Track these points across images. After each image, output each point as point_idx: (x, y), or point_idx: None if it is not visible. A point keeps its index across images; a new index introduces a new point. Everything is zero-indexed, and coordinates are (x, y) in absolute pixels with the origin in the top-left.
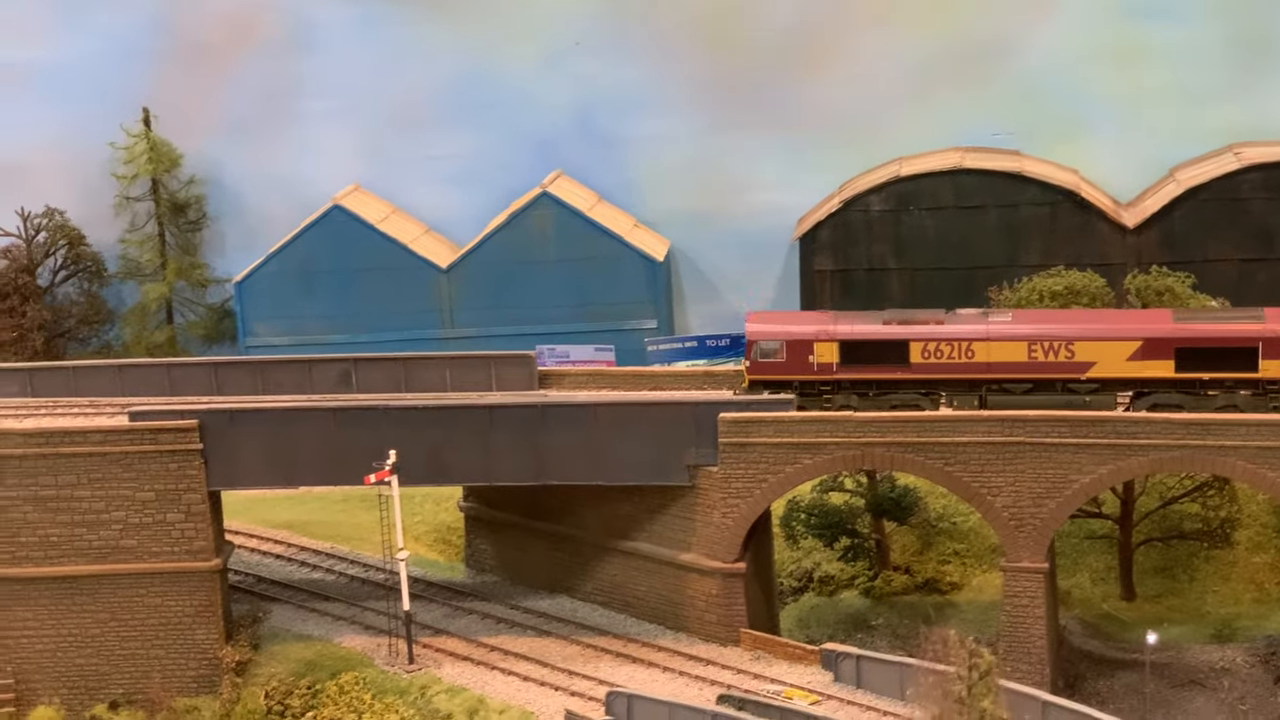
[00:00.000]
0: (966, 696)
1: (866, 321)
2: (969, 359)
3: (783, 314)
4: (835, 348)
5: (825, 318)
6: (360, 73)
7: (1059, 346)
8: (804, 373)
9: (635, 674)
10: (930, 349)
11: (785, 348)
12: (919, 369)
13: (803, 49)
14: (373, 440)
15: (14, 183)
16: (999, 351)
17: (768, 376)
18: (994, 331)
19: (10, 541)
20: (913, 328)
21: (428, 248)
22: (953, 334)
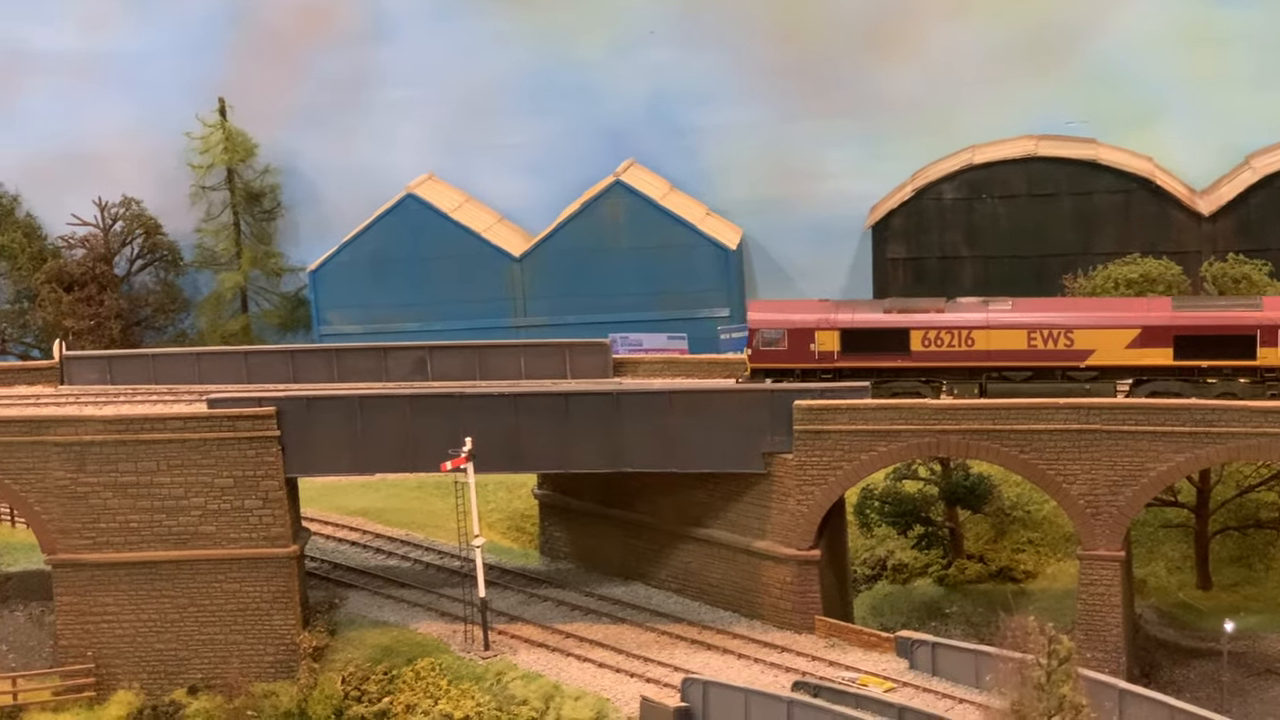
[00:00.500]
0: (1045, 683)
1: (867, 310)
2: (969, 347)
3: (784, 303)
4: (836, 336)
5: (826, 306)
6: (435, 62)
7: (1058, 334)
8: (805, 361)
9: (710, 661)
10: (931, 337)
11: (787, 336)
12: (919, 357)
13: (876, 36)
14: (448, 427)
15: (92, 173)
16: (999, 340)
17: (770, 365)
18: (994, 320)
19: (91, 527)
20: (913, 316)
21: (501, 236)
22: (953, 322)
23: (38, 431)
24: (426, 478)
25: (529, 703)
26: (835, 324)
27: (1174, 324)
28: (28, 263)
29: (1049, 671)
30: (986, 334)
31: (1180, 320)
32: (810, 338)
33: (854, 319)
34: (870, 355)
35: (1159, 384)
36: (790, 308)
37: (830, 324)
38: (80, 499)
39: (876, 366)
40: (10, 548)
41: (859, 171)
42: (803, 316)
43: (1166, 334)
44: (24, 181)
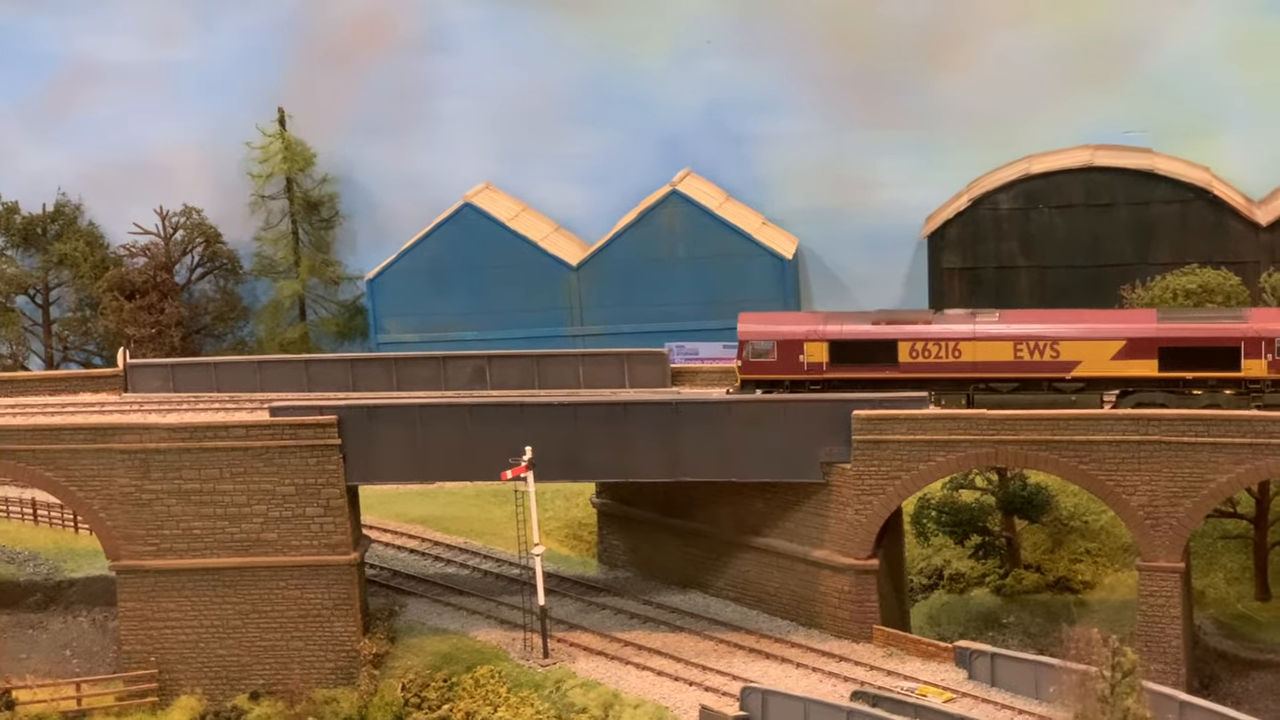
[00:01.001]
0: (1109, 695)
1: (856, 322)
2: (956, 358)
3: (774, 314)
4: (825, 347)
5: (815, 318)
6: (492, 72)
7: (1044, 346)
8: (795, 372)
9: (769, 670)
10: (918, 348)
11: (776, 348)
12: (907, 368)
13: (932, 46)
14: (508, 436)
15: (153, 182)
16: (985, 351)
17: (760, 376)
18: (980, 331)
19: (155, 534)
20: (901, 328)
21: (557, 245)
22: (940, 334)
23: (103, 439)
24: (484, 486)
25: (588, 710)
26: (824, 336)
27: (1159, 336)
28: (90, 271)
29: (1113, 684)
30: (973, 345)
31: (1165, 332)
32: (799, 349)
33: (842, 331)
34: (859, 366)
35: (1144, 395)
36: (779, 320)
37: (819, 336)
38: (144, 506)
39: (865, 378)
40: (74, 553)
41: (915, 181)
42: (791, 328)
43: (1151, 346)
44: (87, 191)
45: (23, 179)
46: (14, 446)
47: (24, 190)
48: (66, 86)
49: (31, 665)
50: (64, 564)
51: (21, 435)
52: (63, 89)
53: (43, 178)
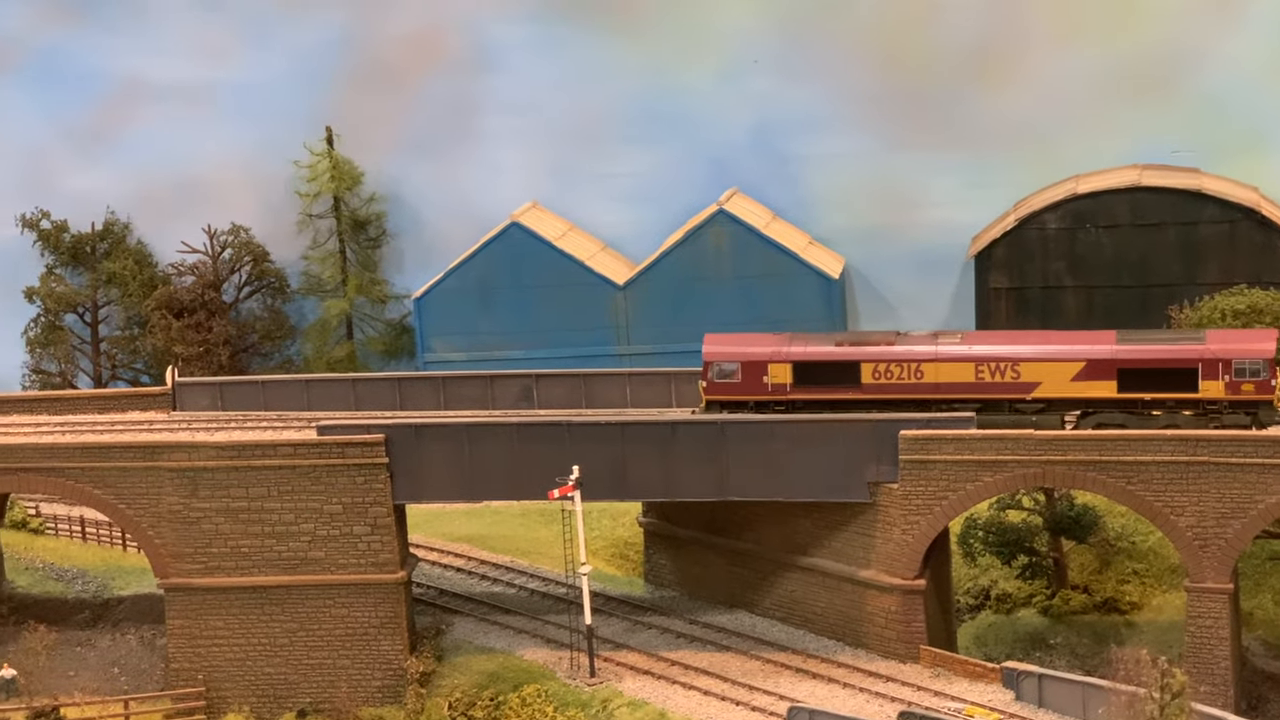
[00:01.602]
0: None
1: (819, 344)
2: (918, 379)
3: (739, 336)
4: (789, 369)
5: (779, 340)
6: (540, 91)
7: (1005, 367)
8: (759, 393)
9: (815, 690)
10: (881, 370)
11: (741, 369)
12: (870, 389)
13: (980, 66)
14: (555, 455)
15: (201, 201)
16: (947, 372)
17: (724, 396)
18: (942, 353)
19: (203, 552)
20: (864, 349)
21: (604, 264)
22: (903, 355)
23: (152, 457)
24: (530, 505)
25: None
26: (788, 357)
27: (1117, 357)
28: (138, 289)
29: (1162, 705)
30: (935, 366)
31: (1124, 354)
32: (764, 370)
33: (806, 352)
34: (822, 388)
35: (1104, 416)
36: (744, 341)
37: (783, 357)
38: (192, 524)
39: (828, 399)
40: (122, 571)
41: (962, 201)
42: (756, 350)
43: (1110, 367)
44: (135, 209)
45: (72, 198)
46: (64, 464)
47: (73, 209)
48: (116, 106)
49: (80, 682)
50: (112, 581)
51: (71, 453)
52: (112, 108)
53: (92, 196)
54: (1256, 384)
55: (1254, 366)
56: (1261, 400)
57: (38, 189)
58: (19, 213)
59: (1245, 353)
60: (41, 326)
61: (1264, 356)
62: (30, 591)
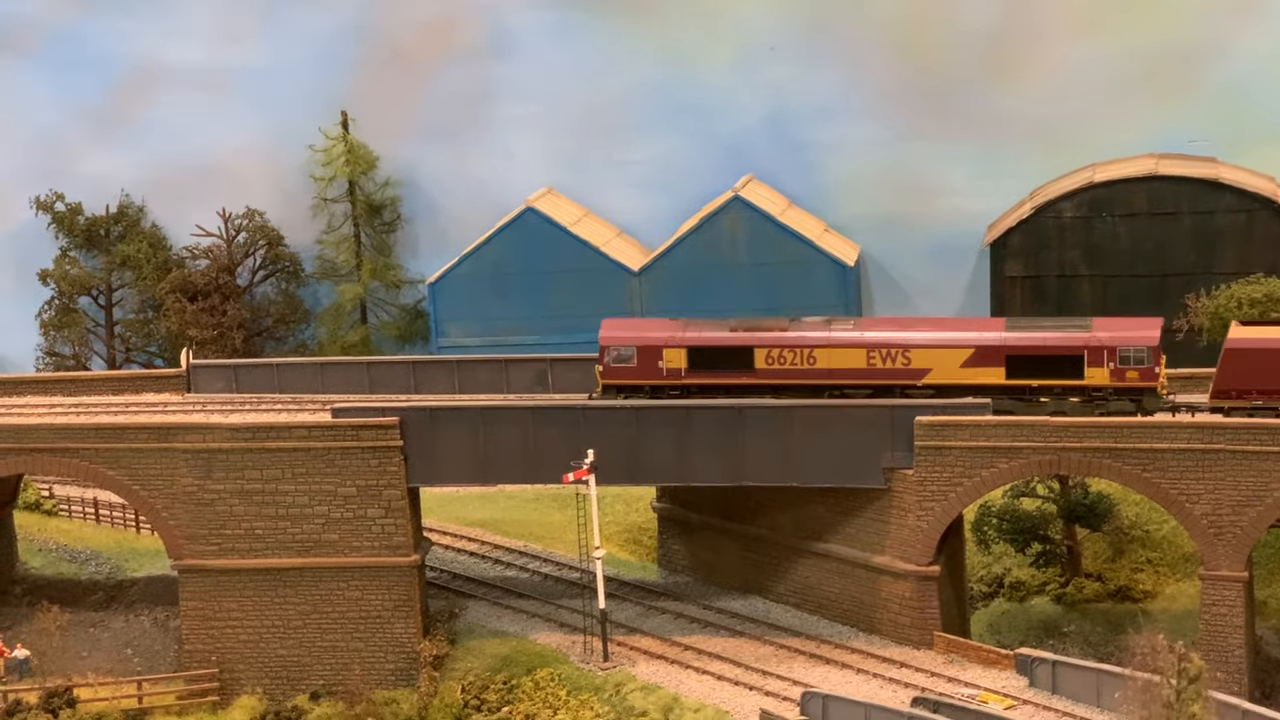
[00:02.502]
0: (1175, 702)
1: (714, 329)
2: (811, 365)
3: (636, 321)
4: (684, 354)
5: (675, 325)
6: (555, 77)
7: (896, 353)
8: (654, 377)
9: (829, 675)
10: (774, 355)
11: (637, 354)
12: (763, 374)
13: (997, 54)
14: (570, 440)
15: (216, 184)
16: (839, 358)
17: (620, 381)
18: (835, 338)
19: (217, 534)
20: (757, 334)
21: (619, 250)
22: (795, 340)
23: (166, 438)
24: (543, 489)
25: (648, 714)
26: (683, 342)
27: (1005, 344)
28: (153, 273)
29: (1179, 690)
30: (828, 352)
31: (1011, 341)
32: (659, 355)
33: (700, 337)
34: (716, 373)
35: (994, 403)
36: (640, 326)
37: (678, 342)
38: (207, 505)
39: (722, 383)
40: (135, 553)
41: (977, 189)
42: (652, 335)
43: (999, 354)
44: (150, 193)
45: (87, 181)
46: (79, 445)
47: (88, 192)
48: (131, 89)
49: (93, 663)
50: (125, 563)
51: (86, 434)
52: (127, 91)
53: (106, 179)
54: (1140, 371)
55: (1138, 354)
56: (1145, 387)
57: (53, 172)
58: (34, 195)
59: (1129, 340)
60: (56, 309)
61: (1148, 344)
62: (44, 573)
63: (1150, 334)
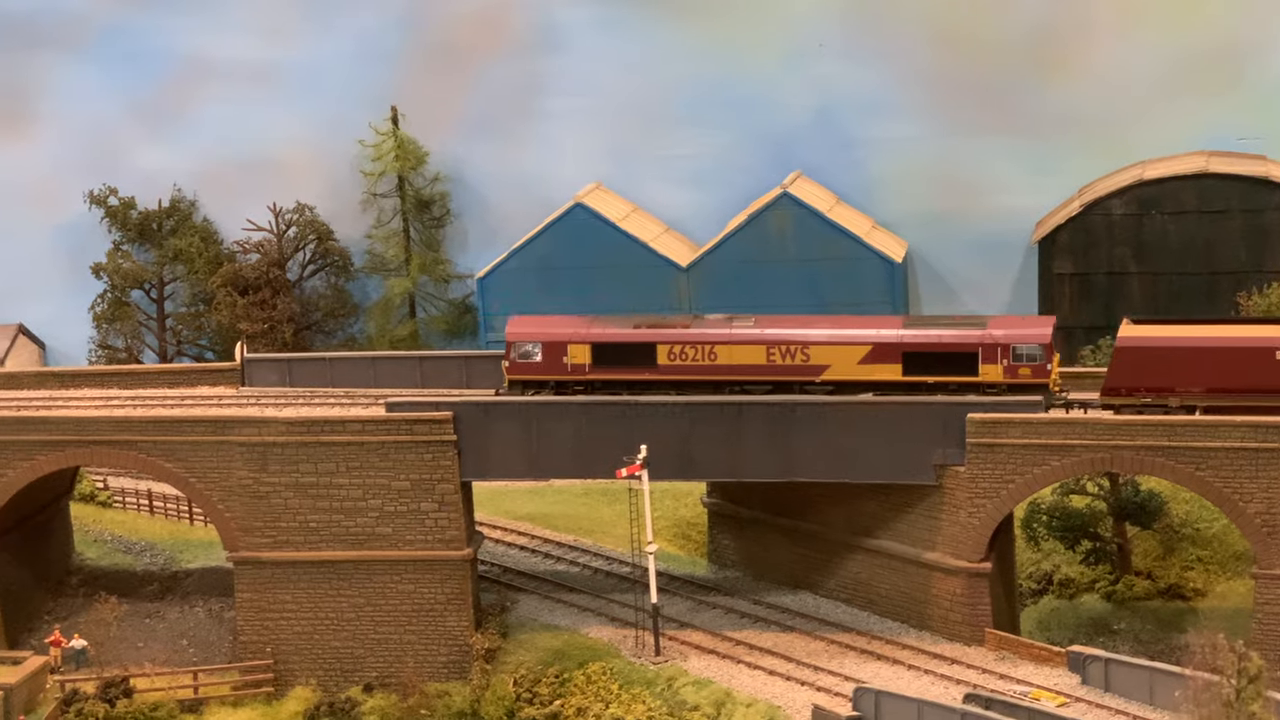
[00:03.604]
0: (1234, 700)
1: (618, 326)
2: (712, 361)
3: (541, 318)
4: (588, 350)
5: (579, 322)
6: (604, 73)
7: (795, 350)
8: (559, 373)
9: (880, 671)
10: (676, 351)
11: (542, 350)
12: (666, 370)
13: (1045, 51)
14: (622, 435)
15: (267, 179)
16: (740, 354)
17: (526, 376)
18: (735, 335)
19: (272, 526)
20: (660, 331)
21: (667, 246)
22: (697, 337)
23: (222, 431)
24: (594, 484)
25: (700, 708)
26: (587, 338)
27: (902, 341)
28: (204, 267)
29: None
30: (729, 349)
31: (908, 338)
32: (563, 351)
33: (604, 334)
34: (619, 368)
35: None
36: (545, 323)
37: (582, 338)
38: (262, 498)
39: (625, 379)
40: (189, 544)
41: (1026, 186)
42: (556, 331)
43: (895, 351)
44: (201, 187)
45: (139, 175)
46: (136, 437)
47: (140, 186)
48: (183, 84)
49: (149, 654)
50: (180, 555)
51: (144, 426)
52: (178, 86)
53: (159, 174)
54: (1033, 368)
55: (1031, 351)
56: (1038, 384)
57: (105, 166)
58: (87, 189)
59: (1023, 338)
60: (108, 302)
61: (1040, 342)
62: (99, 564)
63: (1043, 332)
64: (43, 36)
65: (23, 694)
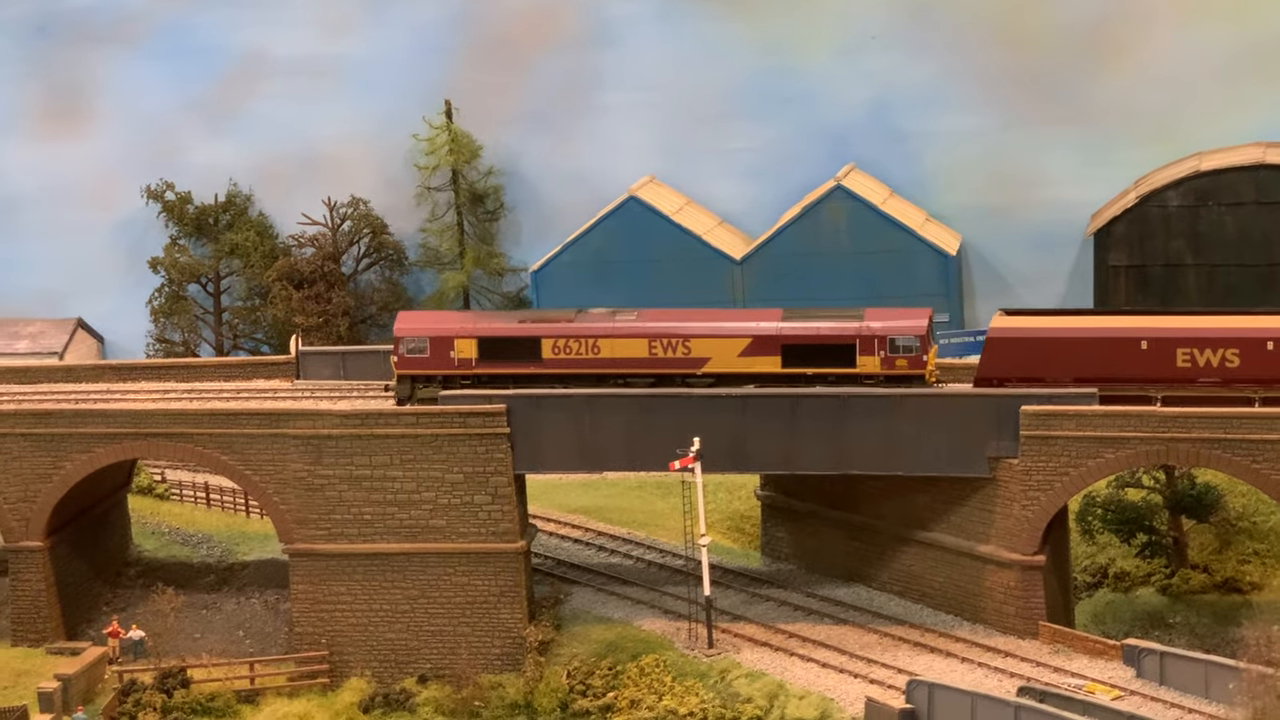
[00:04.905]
0: None
1: (504, 321)
2: (595, 354)
3: (430, 314)
4: (474, 344)
5: (466, 317)
6: (657, 66)
7: (676, 343)
8: (446, 367)
9: (933, 663)
10: (560, 345)
11: (430, 344)
12: (551, 364)
13: (1101, 43)
14: (675, 427)
15: (322, 173)
16: (623, 348)
17: (414, 371)
18: (618, 329)
19: (327, 519)
20: (544, 325)
21: (721, 239)
22: (580, 331)
23: (277, 424)
24: (646, 477)
25: (753, 700)
26: (473, 333)
27: (781, 334)
28: (260, 260)
29: None
30: (612, 343)
31: (786, 330)
32: (450, 346)
33: (490, 328)
34: (505, 363)
35: (773, 390)
36: (433, 319)
37: (469, 333)
38: (317, 491)
39: (511, 373)
40: (245, 536)
41: (1081, 178)
42: (444, 326)
43: (774, 343)
44: (257, 182)
45: (196, 170)
46: (193, 430)
47: (197, 181)
48: (239, 79)
49: (206, 644)
50: (236, 547)
51: (200, 419)
52: (234, 81)
53: (215, 169)
54: (909, 359)
55: (907, 342)
56: (914, 375)
57: (163, 161)
58: (145, 184)
59: (899, 329)
60: (166, 296)
61: (916, 333)
62: (157, 555)
63: (919, 324)
64: (101, 33)
65: (81, 684)
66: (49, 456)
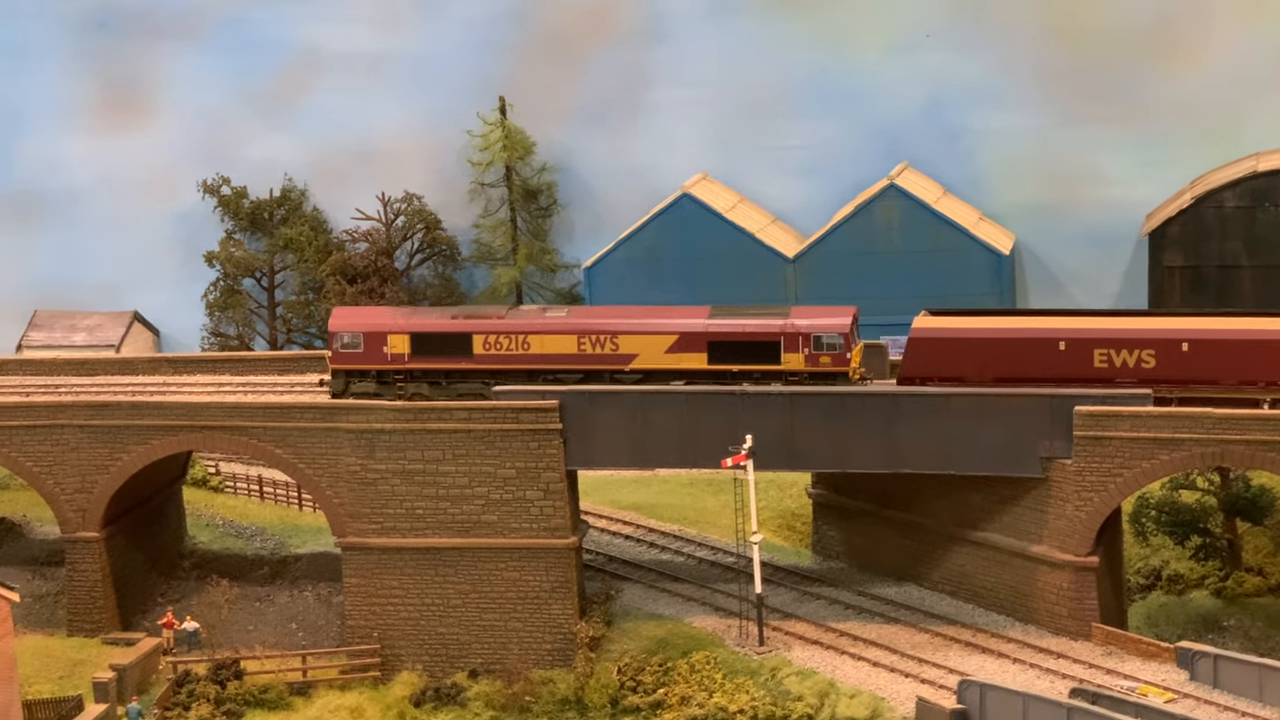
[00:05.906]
0: None
1: (436, 316)
2: (525, 350)
3: (364, 309)
4: (407, 340)
5: (399, 313)
6: (711, 63)
7: (605, 339)
8: (380, 362)
9: (985, 664)
10: (491, 341)
11: (364, 340)
12: (481, 359)
13: (1157, 41)
14: (727, 424)
15: (376, 168)
16: (552, 344)
17: (348, 365)
18: (548, 325)
19: (379, 513)
20: (476, 321)
21: (774, 237)
22: (511, 327)
23: (331, 418)
24: (698, 474)
25: (804, 699)
26: (406, 329)
27: (707, 331)
28: (314, 255)
29: None
30: (541, 339)
31: (713, 328)
32: (384, 341)
33: (422, 324)
34: (438, 358)
35: (700, 387)
36: (367, 314)
37: (401, 328)
38: (369, 485)
39: (443, 368)
40: (298, 529)
41: (1135, 178)
42: (377, 321)
43: (701, 340)
44: (311, 176)
45: (252, 164)
46: (248, 423)
47: (252, 175)
48: (294, 74)
49: (259, 636)
50: (289, 540)
51: (255, 413)
52: (290, 76)
53: (270, 163)
54: (833, 357)
55: (831, 340)
56: (838, 372)
57: (218, 156)
58: (200, 179)
59: (823, 327)
60: (220, 290)
61: (840, 331)
62: (211, 547)
63: (843, 321)
64: (160, 28)
65: (135, 675)
66: (106, 448)
